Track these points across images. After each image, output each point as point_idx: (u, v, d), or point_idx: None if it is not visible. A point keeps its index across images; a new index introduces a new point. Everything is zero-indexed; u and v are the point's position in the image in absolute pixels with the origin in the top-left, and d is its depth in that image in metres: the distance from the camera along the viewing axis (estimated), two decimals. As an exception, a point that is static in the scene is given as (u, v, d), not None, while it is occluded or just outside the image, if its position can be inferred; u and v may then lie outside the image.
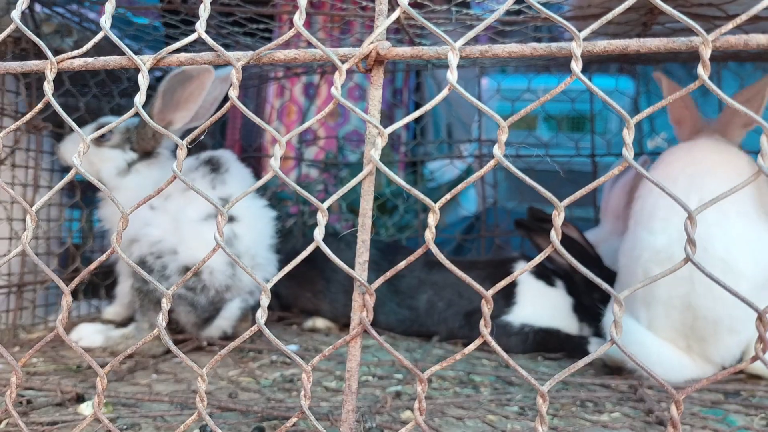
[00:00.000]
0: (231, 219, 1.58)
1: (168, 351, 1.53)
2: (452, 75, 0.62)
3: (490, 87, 3.58)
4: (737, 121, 1.68)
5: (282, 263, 2.00)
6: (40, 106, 0.77)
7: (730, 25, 0.60)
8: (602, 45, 0.61)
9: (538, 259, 0.64)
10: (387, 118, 4.30)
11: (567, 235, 1.76)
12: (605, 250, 1.87)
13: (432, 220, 0.66)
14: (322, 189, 3.53)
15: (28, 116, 0.79)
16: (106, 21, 0.74)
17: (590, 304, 1.72)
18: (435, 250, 0.67)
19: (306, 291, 1.86)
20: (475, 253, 2.54)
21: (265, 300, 0.67)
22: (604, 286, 0.59)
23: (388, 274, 0.67)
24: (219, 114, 0.69)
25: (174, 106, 1.53)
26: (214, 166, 1.61)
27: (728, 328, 1.40)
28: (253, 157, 3.61)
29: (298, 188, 0.70)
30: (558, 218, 0.60)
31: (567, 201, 0.62)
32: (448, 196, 0.68)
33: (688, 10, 1.44)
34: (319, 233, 0.74)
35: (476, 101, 0.61)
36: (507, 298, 1.73)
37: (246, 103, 4.14)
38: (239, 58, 0.67)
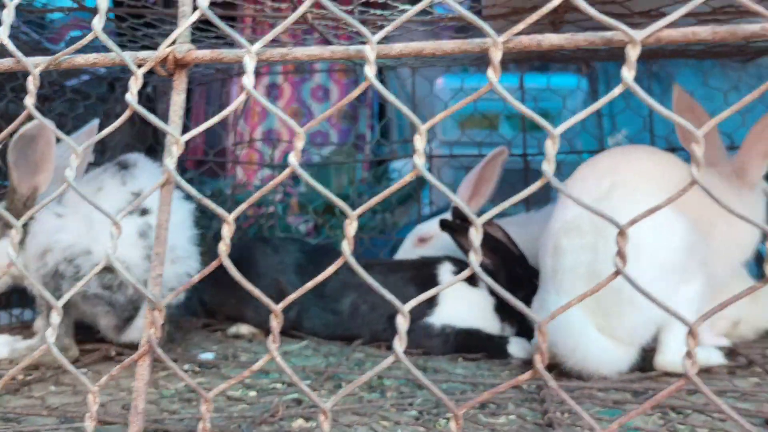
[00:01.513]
0: (145, 212, 1.55)
1: (76, 360, 1.51)
2: (249, 79, 0.60)
3: (447, 86, 3.56)
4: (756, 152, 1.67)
5: (214, 271, 1.97)
6: None
7: (521, 26, 0.58)
8: (398, 48, 0.60)
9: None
10: (351, 118, 4.29)
11: (491, 235, 1.75)
12: (444, 242, 1.89)
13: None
14: (281, 191, 3.50)
15: None
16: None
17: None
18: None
19: (230, 297, 1.84)
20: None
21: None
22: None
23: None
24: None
25: (32, 170, 1.52)
26: (122, 165, 1.59)
27: (629, 300, 1.39)
28: (216, 162, 3.58)
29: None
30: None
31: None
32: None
33: (601, 8, 1.44)
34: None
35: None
36: (429, 299, 1.71)
37: (210, 103, 4.11)
38: (37, 63, 0.65)
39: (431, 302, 1.71)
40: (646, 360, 1.48)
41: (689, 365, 0.54)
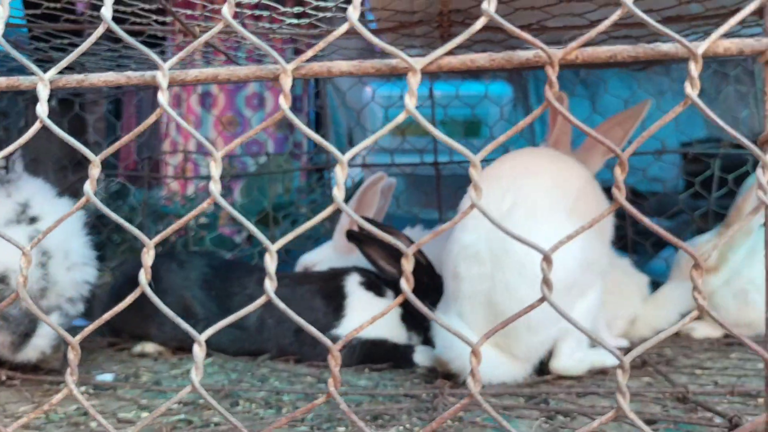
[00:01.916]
0: (33, 220, 1.51)
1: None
2: (42, 108, 0.59)
3: (380, 94, 3.57)
4: (598, 148, 1.72)
5: (114, 288, 1.93)
6: None
7: (310, 53, 0.59)
8: (193, 73, 0.59)
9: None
10: (287, 127, 4.26)
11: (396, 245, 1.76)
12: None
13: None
14: (210, 201, 3.45)
15: None
16: None
17: (419, 313, 1.72)
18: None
19: (134, 315, 1.79)
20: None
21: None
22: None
23: None
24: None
25: None
26: (1, 180, 1.55)
27: (526, 327, 1.42)
28: (153, 177, 3.52)
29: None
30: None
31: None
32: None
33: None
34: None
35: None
36: (336, 311, 1.72)
37: (142, 114, 4.03)
38: None
39: (338, 314, 1.71)
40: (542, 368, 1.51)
41: (473, 384, 0.55)
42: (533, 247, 0.58)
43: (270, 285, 0.59)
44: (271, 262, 0.58)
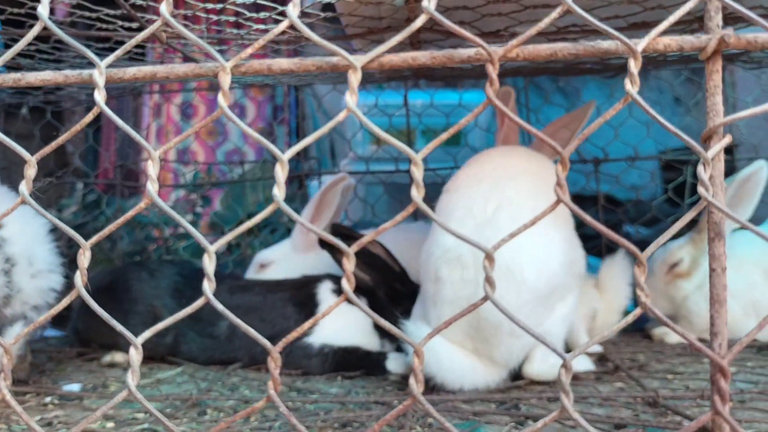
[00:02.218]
0: None
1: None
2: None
3: (360, 102, 3.57)
4: (547, 149, 1.73)
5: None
6: None
7: (249, 50, 0.58)
8: (131, 72, 0.58)
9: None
10: (268, 135, 4.25)
11: (370, 252, 1.76)
12: (286, 267, 1.93)
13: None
14: (189, 210, 3.44)
15: None
16: None
17: (392, 320, 1.71)
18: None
19: (103, 325, 1.76)
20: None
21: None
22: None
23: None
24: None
25: None
26: None
27: (509, 332, 1.41)
28: (127, 186, 3.49)
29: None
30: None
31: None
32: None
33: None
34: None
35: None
36: (309, 318, 1.69)
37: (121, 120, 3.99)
38: None
39: (310, 321, 1.70)
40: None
41: (415, 385, 0.54)
42: (476, 246, 0.57)
43: (209, 286, 0.57)
44: (209, 264, 0.56)
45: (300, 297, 1.75)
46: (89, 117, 0.57)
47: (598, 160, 2.48)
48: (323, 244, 1.76)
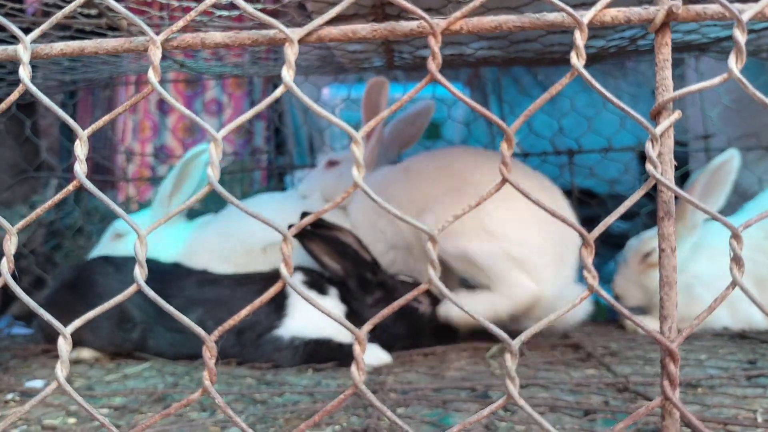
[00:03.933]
0: None
1: None
2: None
3: (334, 96, 3.57)
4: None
5: (50, 293, 1.86)
6: None
7: (181, 23, 0.56)
8: (59, 47, 0.56)
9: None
10: (246, 132, 4.20)
11: (341, 241, 1.74)
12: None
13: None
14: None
15: None
16: None
17: (363, 310, 1.69)
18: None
19: (69, 320, 1.73)
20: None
21: None
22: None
23: None
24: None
25: None
26: None
27: None
28: (107, 180, 3.45)
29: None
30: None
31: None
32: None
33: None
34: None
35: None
36: (278, 310, 1.68)
37: (95, 110, 3.94)
38: None
39: (280, 314, 1.67)
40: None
41: (357, 374, 0.52)
42: (421, 229, 0.56)
43: (140, 273, 0.55)
44: (141, 248, 0.54)
45: (269, 289, 1.72)
46: (15, 95, 0.54)
47: (572, 152, 2.47)
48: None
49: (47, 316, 0.63)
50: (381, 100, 1.89)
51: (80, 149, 0.53)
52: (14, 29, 0.53)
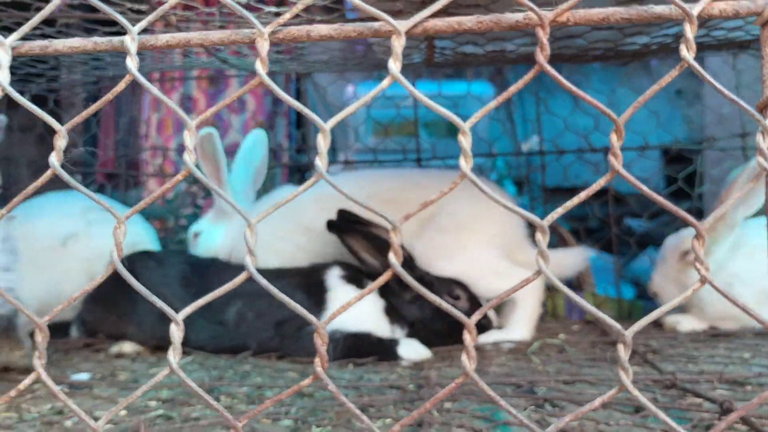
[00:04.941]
0: None
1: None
2: (2, 74, 0.55)
3: (361, 94, 3.58)
4: None
5: (94, 289, 1.87)
6: None
7: (288, 15, 0.56)
8: (164, 38, 0.56)
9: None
10: (269, 128, 4.21)
11: (377, 236, 1.74)
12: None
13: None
14: (190, 203, 3.41)
15: None
16: None
17: (402, 305, 1.70)
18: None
19: (111, 314, 1.75)
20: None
21: None
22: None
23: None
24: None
25: None
26: None
27: None
28: (131, 176, 3.47)
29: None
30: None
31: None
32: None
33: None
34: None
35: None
36: (318, 304, 1.69)
37: (121, 113, 3.97)
38: None
39: (320, 308, 1.68)
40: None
41: (467, 362, 0.52)
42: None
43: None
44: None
45: (309, 283, 1.73)
46: (122, 85, 0.54)
47: (608, 150, 2.45)
48: (331, 227, 1.74)
49: (160, 303, 0.63)
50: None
51: (189, 140, 0.54)
52: (123, 21, 0.53)
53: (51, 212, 1.93)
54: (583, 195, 0.52)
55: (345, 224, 1.72)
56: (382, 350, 1.63)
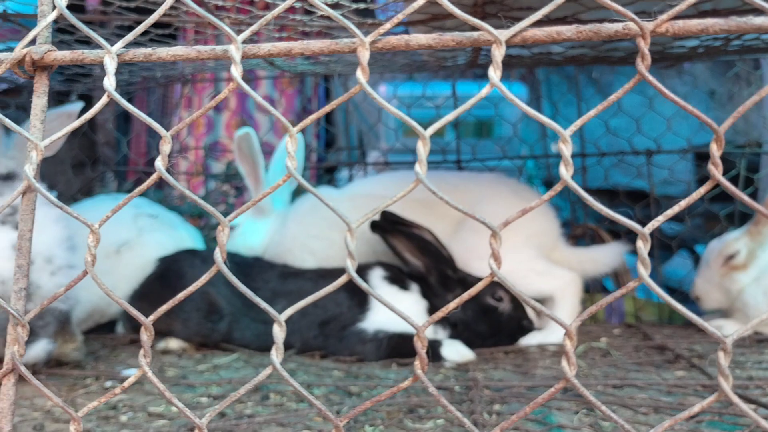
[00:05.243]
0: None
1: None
2: (109, 81, 0.57)
3: (390, 94, 3.59)
4: None
5: (140, 286, 1.90)
6: None
7: (388, 26, 0.57)
8: (266, 48, 0.58)
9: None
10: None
11: (421, 237, 1.75)
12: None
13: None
14: (222, 201, 3.45)
15: None
16: None
17: (443, 306, 1.70)
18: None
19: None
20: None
21: None
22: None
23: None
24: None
25: None
26: (5, 177, 1.52)
27: None
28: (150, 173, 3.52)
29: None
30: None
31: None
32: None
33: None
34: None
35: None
36: (361, 304, 1.70)
37: (151, 113, 4.02)
38: None
39: (363, 308, 1.70)
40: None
41: (568, 367, 0.53)
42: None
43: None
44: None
45: (351, 283, 1.73)
46: (225, 92, 0.56)
47: (651, 152, 2.43)
48: (374, 228, 1.75)
49: (264, 304, 0.64)
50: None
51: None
52: (227, 30, 0.55)
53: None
54: (683, 203, 0.53)
55: (388, 225, 1.73)
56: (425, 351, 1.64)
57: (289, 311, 0.62)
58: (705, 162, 2.91)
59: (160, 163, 0.56)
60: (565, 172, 0.52)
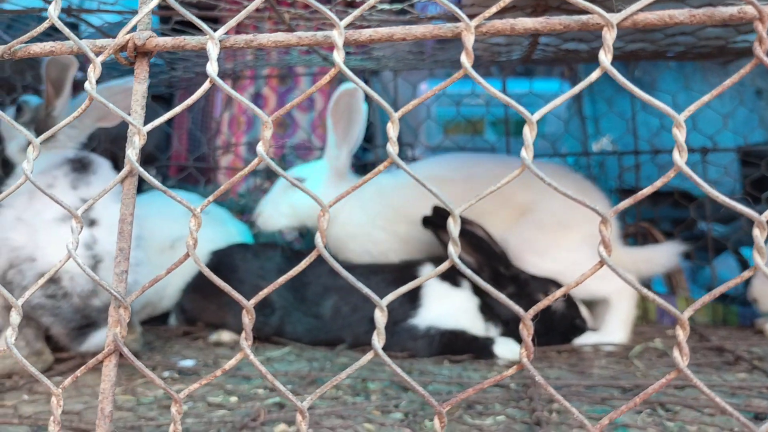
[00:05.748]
0: (93, 223, 1.49)
1: (50, 368, 1.47)
2: (212, 66, 0.58)
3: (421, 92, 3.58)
4: None
5: (194, 279, 1.92)
6: None
7: (494, 9, 0.57)
8: (368, 33, 0.57)
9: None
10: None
11: (473, 233, 1.74)
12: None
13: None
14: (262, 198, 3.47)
15: None
16: None
17: (496, 304, 1.69)
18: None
19: (211, 303, 1.80)
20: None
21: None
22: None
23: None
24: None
25: (53, 92, 1.51)
26: (78, 166, 1.54)
27: None
28: (199, 168, 3.57)
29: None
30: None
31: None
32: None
33: None
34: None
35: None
36: (412, 301, 1.70)
37: (192, 108, 4.08)
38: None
39: (415, 303, 1.69)
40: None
41: (680, 358, 0.52)
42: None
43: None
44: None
45: (402, 279, 1.73)
46: (327, 78, 0.56)
47: (707, 150, 2.37)
48: (426, 224, 1.75)
49: (360, 285, 0.64)
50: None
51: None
52: (331, 15, 0.55)
53: (159, 213, 1.95)
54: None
55: (440, 220, 1.72)
56: (477, 348, 1.63)
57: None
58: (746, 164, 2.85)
59: (261, 148, 0.56)
60: (679, 158, 0.51)
